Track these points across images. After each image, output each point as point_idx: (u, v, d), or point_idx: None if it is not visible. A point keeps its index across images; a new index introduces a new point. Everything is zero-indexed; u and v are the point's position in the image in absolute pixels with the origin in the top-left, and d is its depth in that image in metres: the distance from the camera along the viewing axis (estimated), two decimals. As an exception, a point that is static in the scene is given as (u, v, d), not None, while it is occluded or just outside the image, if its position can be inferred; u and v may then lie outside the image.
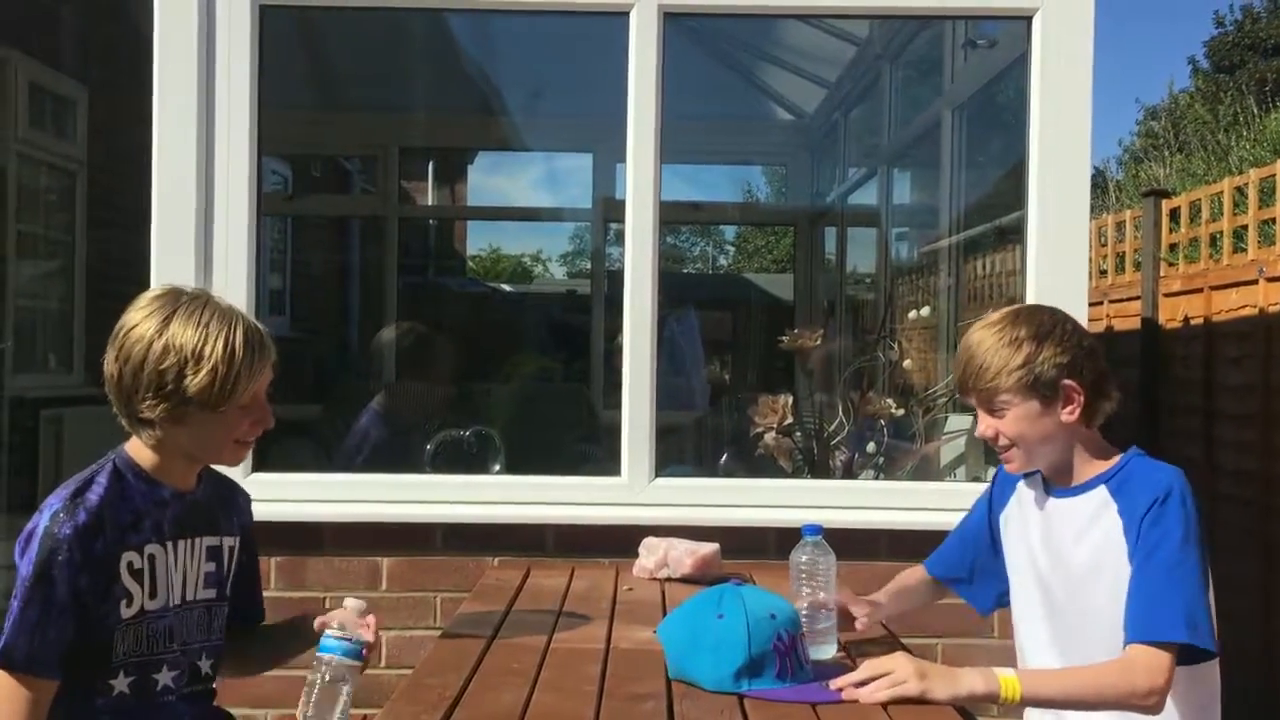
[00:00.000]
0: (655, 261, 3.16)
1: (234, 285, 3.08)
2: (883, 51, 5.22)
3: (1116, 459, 2.06)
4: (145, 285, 3.02)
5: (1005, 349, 2.00)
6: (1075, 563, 2.02)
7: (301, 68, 5.19)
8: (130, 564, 1.79)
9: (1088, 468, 2.06)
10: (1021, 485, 2.19)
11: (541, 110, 6.23)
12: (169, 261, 3.07)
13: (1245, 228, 5.49)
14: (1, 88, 4.92)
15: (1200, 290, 5.37)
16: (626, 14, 3.14)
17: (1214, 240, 5.90)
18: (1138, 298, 5.99)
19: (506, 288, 14.26)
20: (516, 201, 19.28)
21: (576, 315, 7.04)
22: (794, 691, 1.80)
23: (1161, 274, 5.95)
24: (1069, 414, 2.01)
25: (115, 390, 1.80)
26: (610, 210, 5.88)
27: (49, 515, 1.73)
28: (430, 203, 10.27)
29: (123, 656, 1.79)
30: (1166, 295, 5.77)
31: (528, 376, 5.87)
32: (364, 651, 1.83)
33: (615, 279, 3.93)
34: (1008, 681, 1.84)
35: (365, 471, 3.57)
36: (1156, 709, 1.85)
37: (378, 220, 6.76)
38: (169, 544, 1.85)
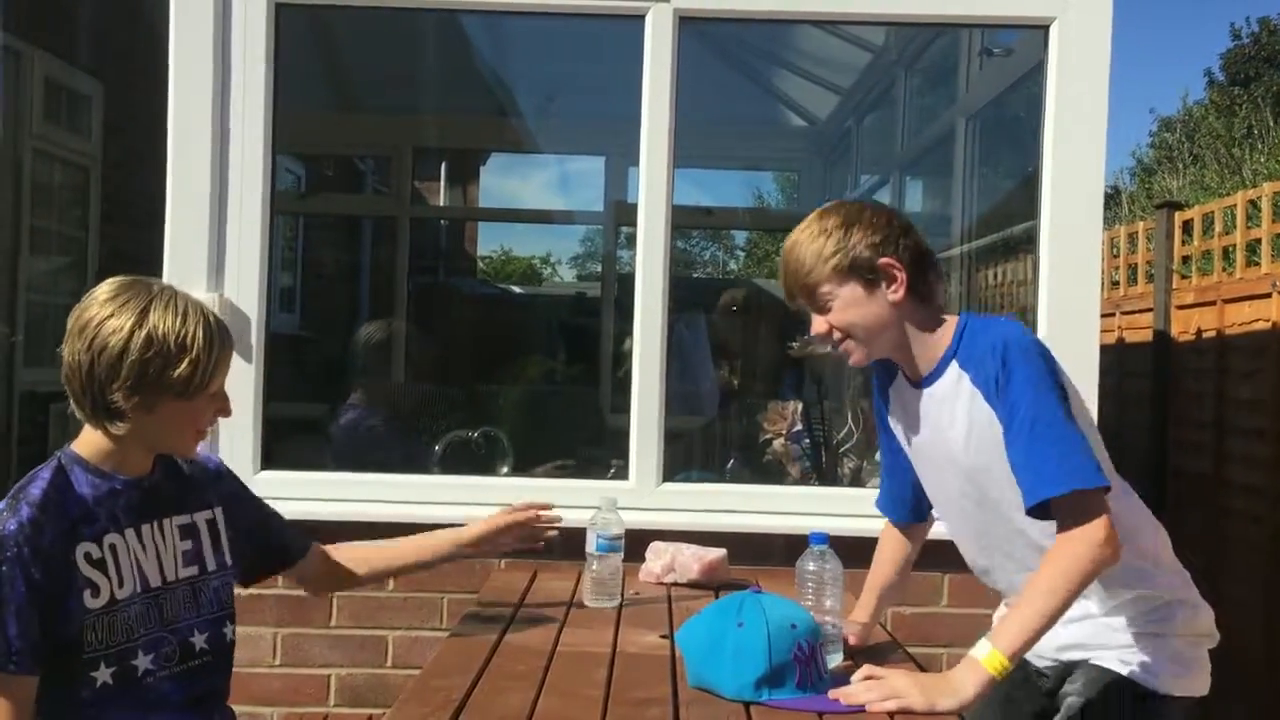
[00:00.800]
0: (666, 265, 3.16)
1: (246, 283, 3.08)
2: (897, 58, 5.22)
3: (953, 332, 2.03)
4: (158, 282, 3.04)
5: (817, 240, 2.02)
6: (957, 444, 2.01)
7: (316, 67, 5.21)
8: (88, 554, 1.78)
9: (933, 349, 2.03)
10: (893, 392, 2.17)
11: (555, 113, 6.24)
12: (181, 258, 3.07)
13: (1259, 241, 5.47)
14: (17, 83, 4.94)
15: (1213, 303, 5.36)
16: (642, 18, 3.14)
17: (1227, 253, 5.88)
18: (1150, 310, 5.97)
19: (516, 289, 14.26)
20: (528, 203, 19.26)
21: (586, 318, 7.03)
22: (812, 701, 1.80)
23: (1174, 286, 5.93)
24: (894, 293, 2.00)
25: (84, 381, 1.79)
26: (622, 214, 5.87)
27: (3, 514, 1.72)
28: (442, 203, 10.29)
29: (100, 647, 1.78)
30: (1179, 308, 5.75)
31: (536, 379, 5.87)
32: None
33: (626, 282, 3.93)
34: (992, 661, 1.82)
35: (367, 470, 3.57)
36: (1116, 549, 1.85)
37: (389, 220, 6.76)
38: (129, 531, 1.85)
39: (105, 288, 1.83)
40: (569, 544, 2.93)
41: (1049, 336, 3.11)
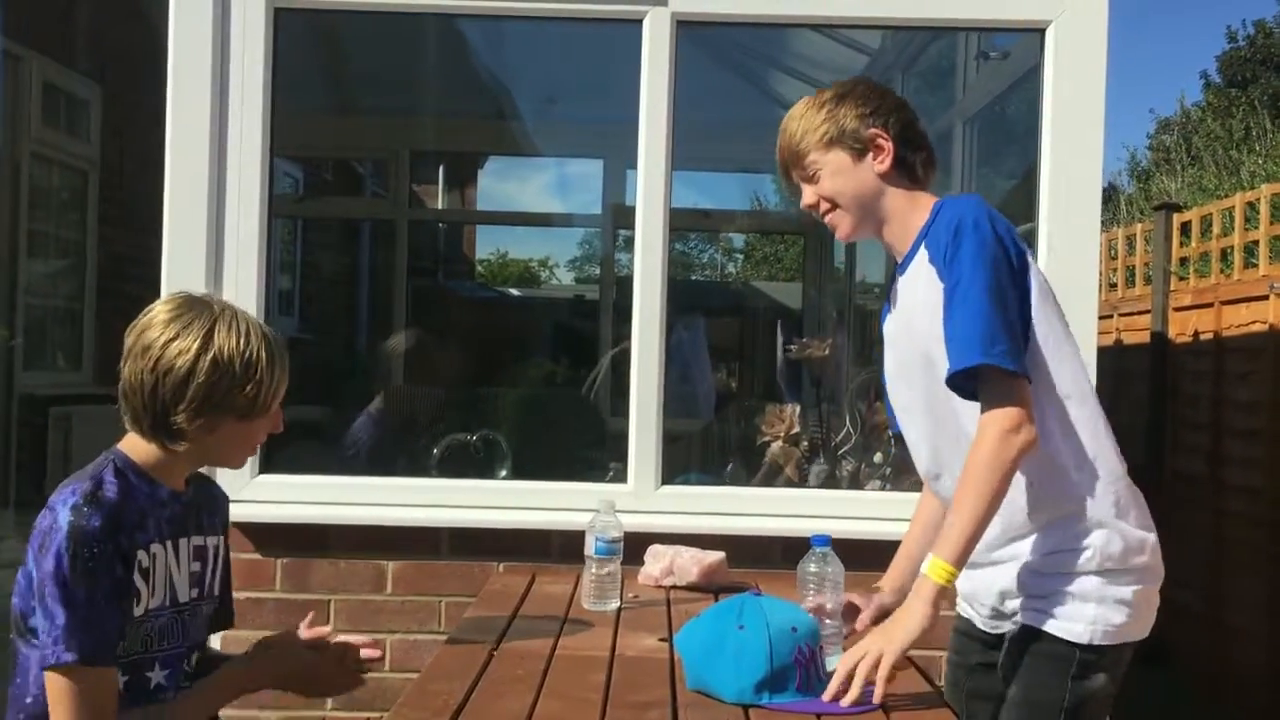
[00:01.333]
0: (664, 268, 3.17)
1: (244, 286, 3.08)
2: (894, 62, 5.22)
3: (929, 212, 2.02)
4: (156, 286, 3.05)
5: (810, 113, 2.06)
6: (915, 328, 1.99)
7: (315, 71, 5.20)
8: (140, 562, 1.79)
9: (911, 229, 2.03)
10: (890, 294, 2.15)
11: (553, 116, 6.23)
12: (180, 262, 3.07)
13: (1256, 243, 5.48)
14: (15, 86, 4.94)
15: (1210, 305, 5.37)
16: (640, 22, 3.14)
17: (1225, 255, 5.89)
18: (1148, 311, 5.99)
19: (515, 292, 14.25)
20: (526, 206, 19.25)
21: (585, 321, 7.03)
22: (813, 704, 1.79)
23: (1172, 288, 5.94)
24: (880, 164, 2.02)
25: (145, 401, 1.78)
26: (620, 217, 5.88)
27: (69, 510, 1.71)
28: (440, 206, 10.29)
29: (121, 655, 1.78)
30: (1176, 309, 5.77)
31: (535, 382, 5.87)
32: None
33: (624, 285, 3.93)
34: (936, 570, 1.82)
35: (365, 474, 3.57)
36: (1031, 436, 1.82)
37: (388, 223, 6.76)
38: (167, 544, 1.86)
39: (165, 307, 1.82)
40: (567, 547, 2.93)
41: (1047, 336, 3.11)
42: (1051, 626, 1.93)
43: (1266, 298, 4.81)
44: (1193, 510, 5.45)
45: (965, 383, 1.87)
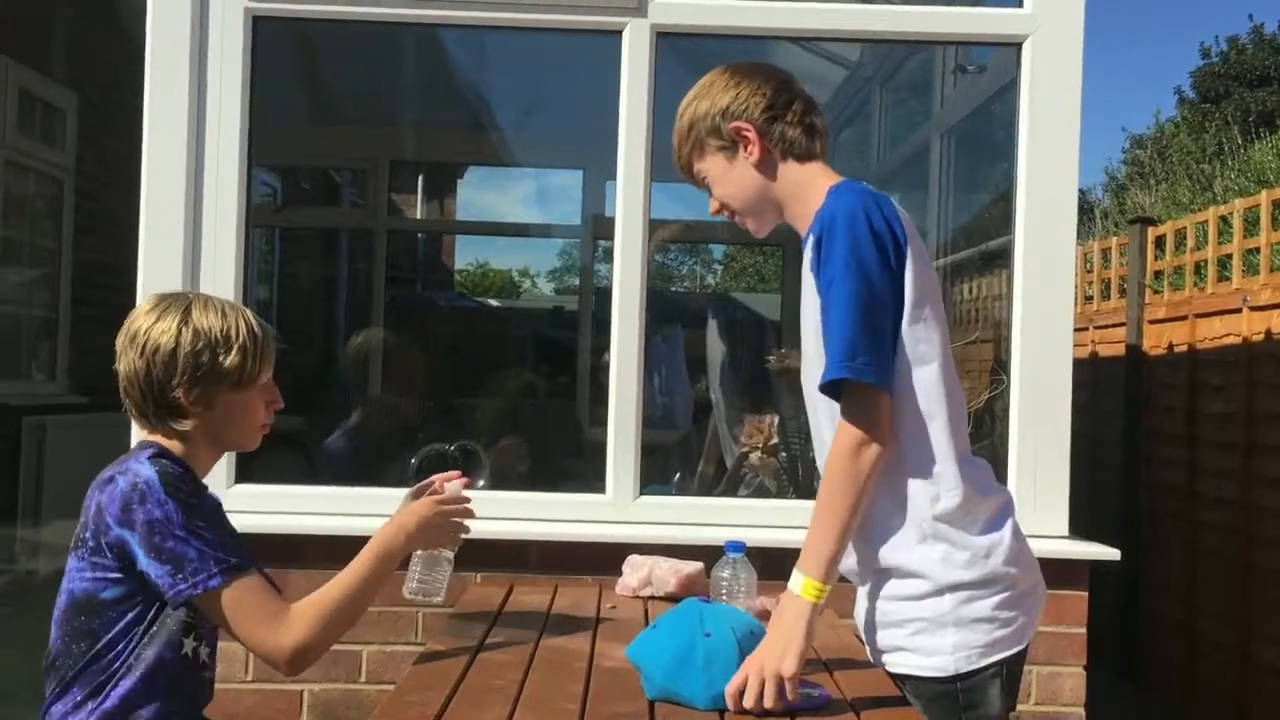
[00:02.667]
0: (644, 279, 3.17)
1: (221, 295, 3.06)
2: (873, 75, 5.25)
3: (824, 196, 1.90)
4: (132, 294, 3.02)
5: (680, 122, 2.02)
6: (806, 324, 1.92)
7: (293, 80, 5.19)
8: None
9: (809, 208, 1.92)
10: None
11: (532, 126, 6.24)
12: (156, 271, 3.06)
13: (1230, 256, 5.53)
14: (-9, 94, 4.91)
15: (1185, 318, 5.41)
16: (619, 33, 3.15)
17: (1198, 268, 5.94)
18: (1123, 324, 6.03)
19: (494, 303, 14.25)
20: (506, 217, 19.30)
21: (563, 332, 7.03)
22: (786, 704, 1.79)
23: (1146, 301, 5.98)
24: (749, 156, 1.95)
25: (143, 384, 1.89)
26: (599, 227, 5.88)
27: (150, 464, 1.82)
28: (419, 216, 10.28)
29: (195, 620, 1.88)
30: (1151, 322, 5.81)
31: (513, 392, 5.87)
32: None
33: (603, 296, 3.94)
34: (807, 590, 1.77)
35: (341, 484, 3.56)
36: (878, 451, 1.76)
37: (366, 233, 6.75)
38: None
39: (145, 302, 1.96)
40: (545, 558, 2.93)
41: (1024, 350, 3.14)
42: (916, 668, 1.87)
43: (1240, 310, 4.85)
44: (1168, 522, 5.49)
45: (834, 393, 1.83)
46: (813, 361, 1.91)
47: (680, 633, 1.85)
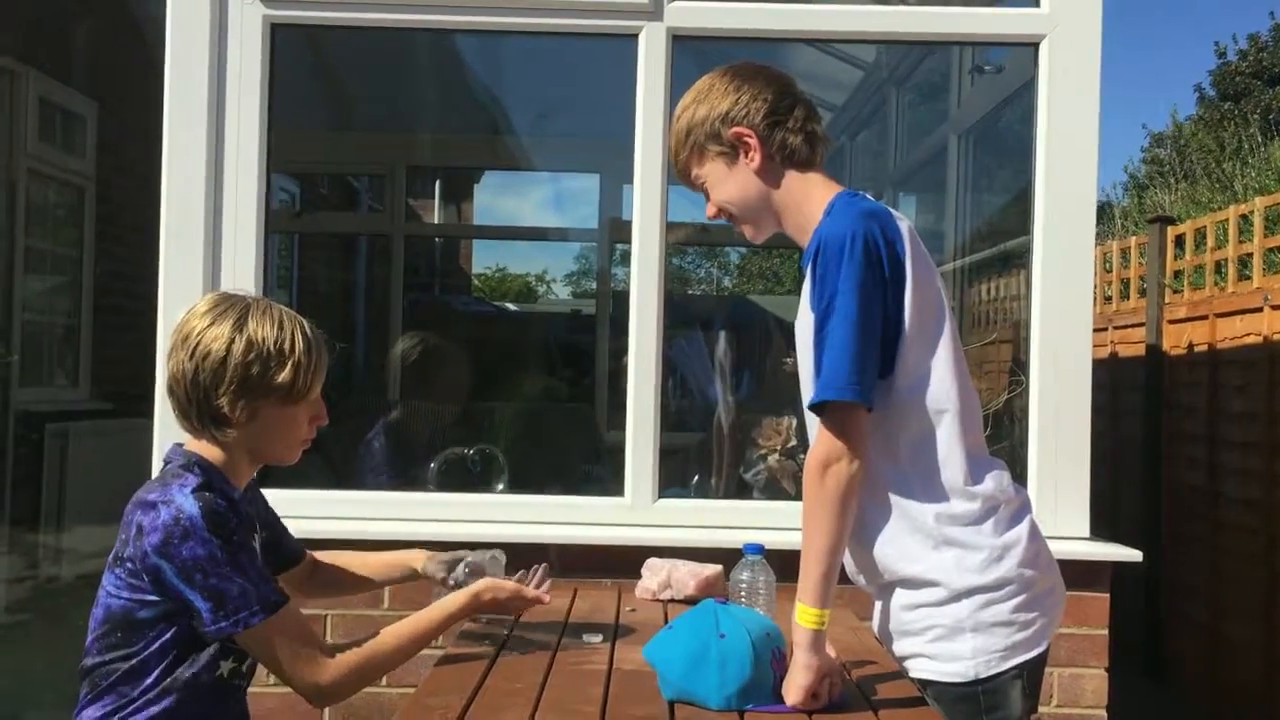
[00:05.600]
0: (661, 282, 3.17)
1: (241, 302, 3.08)
2: (889, 76, 5.24)
3: (824, 208, 1.90)
4: (153, 302, 3.04)
5: (678, 125, 2.00)
6: (803, 341, 1.91)
7: (311, 86, 5.22)
8: None
9: (809, 223, 1.91)
10: None
11: (549, 130, 6.25)
12: (176, 277, 3.08)
13: (1250, 255, 5.50)
14: (11, 102, 4.95)
15: (1205, 317, 5.38)
16: (635, 36, 3.16)
17: (1219, 267, 5.91)
18: (1143, 324, 6.00)
19: (512, 307, 14.27)
20: (523, 221, 19.31)
21: (581, 335, 7.03)
22: (786, 708, 1.81)
23: (1166, 301, 5.95)
24: (751, 162, 1.94)
25: (189, 387, 1.86)
26: (616, 231, 5.89)
27: (193, 498, 1.79)
28: (437, 221, 10.31)
29: (231, 643, 1.87)
30: (1171, 322, 5.78)
31: (532, 396, 5.87)
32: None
33: (620, 299, 3.94)
34: (805, 617, 1.79)
35: (363, 489, 3.57)
36: (850, 468, 1.77)
37: (384, 238, 6.77)
38: (251, 541, 1.93)
39: (203, 302, 1.92)
40: (565, 561, 2.93)
41: (1042, 351, 3.12)
42: (936, 673, 1.87)
43: (1261, 310, 4.82)
44: (1191, 522, 5.46)
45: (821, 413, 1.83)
46: (808, 377, 1.92)
47: (696, 633, 1.85)
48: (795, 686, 1.79)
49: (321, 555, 2.38)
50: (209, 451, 1.91)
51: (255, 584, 1.81)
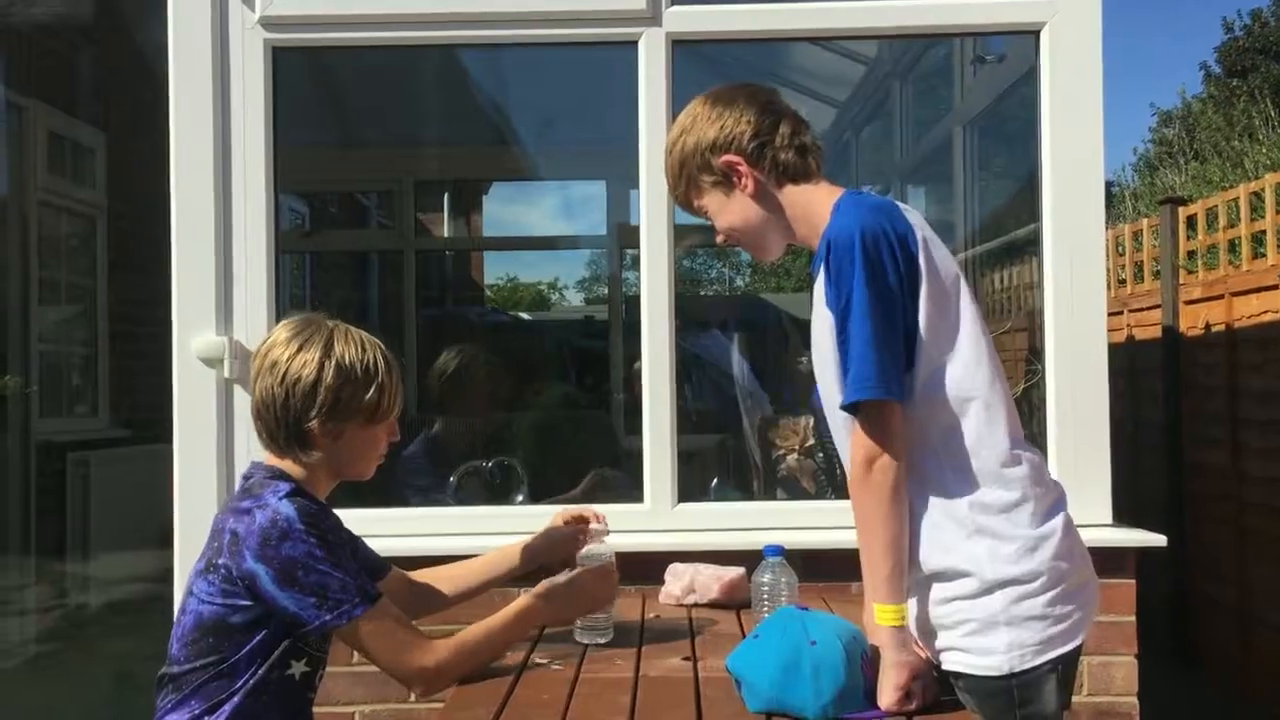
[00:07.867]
0: (671, 285, 3.17)
1: (255, 323, 3.10)
2: (892, 70, 5.24)
3: (830, 211, 1.90)
4: (168, 328, 3.06)
5: (670, 159, 2.03)
6: (820, 345, 1.92)
7: (315, 105, 5.24)
8: None
9: (816, 224, 1.93)
10: None
11: (554, 139, 6.27)
12: (190, 302, 3.09)
13: (1264, 233, 5.47)
14: (21, 137, 4.99)
15: (1221, 297, 5.35)
16: (635, 43, 3.16)
17: (1232, 246, 5.88)
18: (1158, 306, 5.97)
19: (525, 316, 14.27)
20: (532, 230, 19.38)
21: (596, 341, 7.04)
22: (880, 712, 1.80)
23: (1181, 281, 5.92)
24: (744, 189, 1.96)
25: (279, 414, 1.93)
26: (626, 236, 5.90)
27: (288, 502, 1.86)
28: (446, 234, 10.33)
29: (307, 642, 1.93)
30: (1187, 303, 5.75)
31: (548, 405, 5.87)
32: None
33: (633, 304, 3.94)
34: (883, 616, 1.80)
35: (382, 505, 3.57)
36: (890, 462, 1.78)
37: (396, 253, 6.80)
38: None
39: (284, 328, 2.00)
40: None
41: (1058, 338, 3.11)
42: (970, 666, 1.86)
43: (1277, 287, 4.79)
44: (1215, 503, 5.42)
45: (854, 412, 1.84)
46: (826, 378, 1.93)
47: (786, 642, 1.81)
48: (889, 687, 1.79)
49: (415, 574, 2.44)
50: (291, 469, 1.98)
51: (354, 577, 1.88)
